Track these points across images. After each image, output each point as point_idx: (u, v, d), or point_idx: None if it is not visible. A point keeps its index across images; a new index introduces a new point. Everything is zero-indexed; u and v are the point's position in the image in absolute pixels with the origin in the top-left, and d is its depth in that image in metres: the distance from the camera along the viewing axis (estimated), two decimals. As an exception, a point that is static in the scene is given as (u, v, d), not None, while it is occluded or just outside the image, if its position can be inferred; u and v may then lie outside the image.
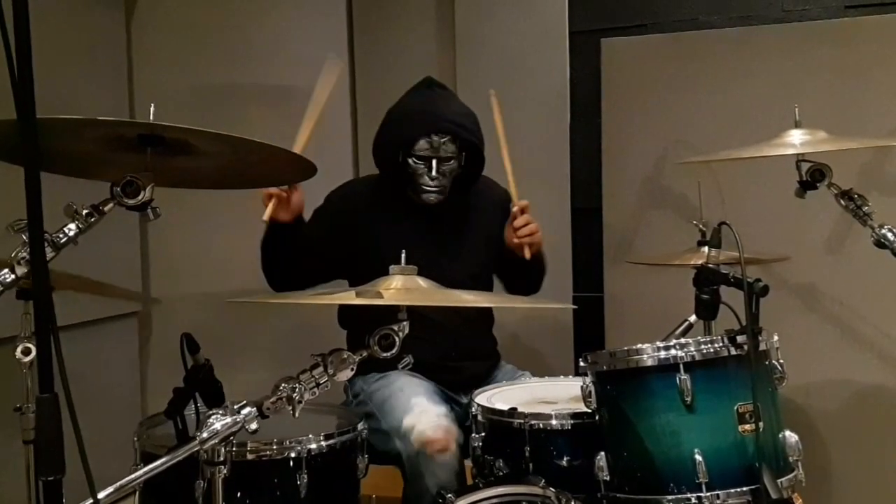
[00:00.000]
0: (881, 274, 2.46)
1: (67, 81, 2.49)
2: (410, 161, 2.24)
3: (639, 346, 1.69)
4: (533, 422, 1.85)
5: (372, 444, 1.95)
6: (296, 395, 1.37)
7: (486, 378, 2.31)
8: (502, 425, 1.89)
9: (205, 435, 1.30)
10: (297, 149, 2.15)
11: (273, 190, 2.15)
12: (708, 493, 1.59)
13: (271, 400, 1.37)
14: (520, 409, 1.88)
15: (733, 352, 1.65)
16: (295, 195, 2.20)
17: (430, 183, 2.24)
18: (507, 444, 1.88)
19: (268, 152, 1.54)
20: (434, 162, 2.22)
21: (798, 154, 2.06)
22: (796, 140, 2.07)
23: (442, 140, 2.22)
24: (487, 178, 2.45)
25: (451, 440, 1.98)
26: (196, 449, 1.30)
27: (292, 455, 1.70)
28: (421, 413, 2.03)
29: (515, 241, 2.24)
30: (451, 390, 2.27)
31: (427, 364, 2.09)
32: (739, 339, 1.65)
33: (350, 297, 1.51)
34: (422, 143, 2.22)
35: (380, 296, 1.43)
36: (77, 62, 2.61)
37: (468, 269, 2.27)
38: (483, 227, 2.41)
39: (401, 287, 1.49)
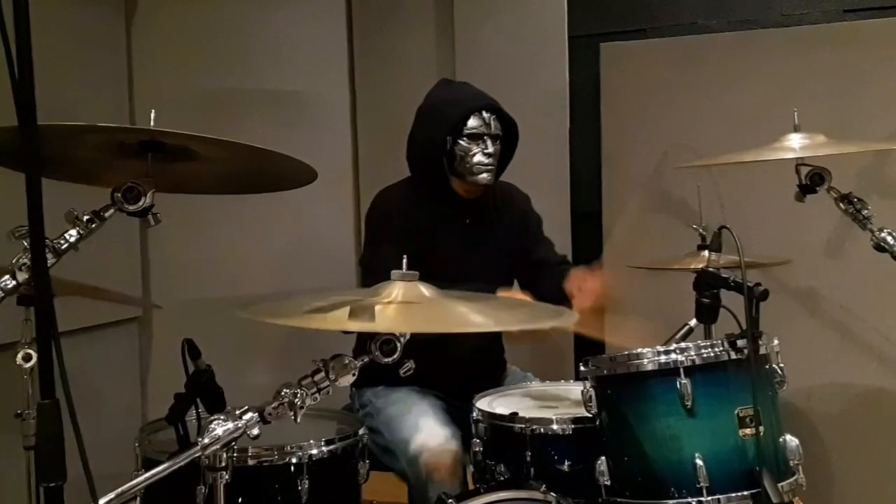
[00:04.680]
0: (881, 277, 2.46)
1: (68, 87, 2.49)
2: (462, 142, 2.24)
3: (639, 350, 1.69)
4: (534, 426, 1.85)
5: (376, 455, 1.96)
6: (297, 401, 1.37)
7: (493, 385, 2.30)
8: (503, 430, 1.89)
9: (206, 440, 1.30)
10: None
11: None
12: (709, 498, 1.59)
13: (273, 405, 1.36)
14: (520, 414, 1.88)
15: (734, 356, 1.65)
16: None
17: (486, 161, 2.24)
18: (508, 448, 1.88)
19: (268, 158, 1.54)
20: (487, 139, 2.24)
21: (798, 158, 2.07)
22: (796, 144, 2.07)
23: (491, 117, 2.25)
24: (510, 184, 2.48)
25: (458, 466, 1.99)
26: (197, 454, 1.30)
27: (293, 460, 1.70)
28: (429, 436, 2.03)
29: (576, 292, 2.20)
30: (459, 401, 2.26)
31: (435, 374, 2.07)
32: (740, 343, 1.65)
33: (343, 318, 1.48)
34: (473, 121, 2.23)
35: (372, 319, 1.41)
36: (77, 68, 2.61)
37: (498, 268, 2.27)
38: (508, 228, 2.41)
39: (401, 299, 1.47)
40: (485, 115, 2.25)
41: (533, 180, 2.57)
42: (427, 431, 2.04)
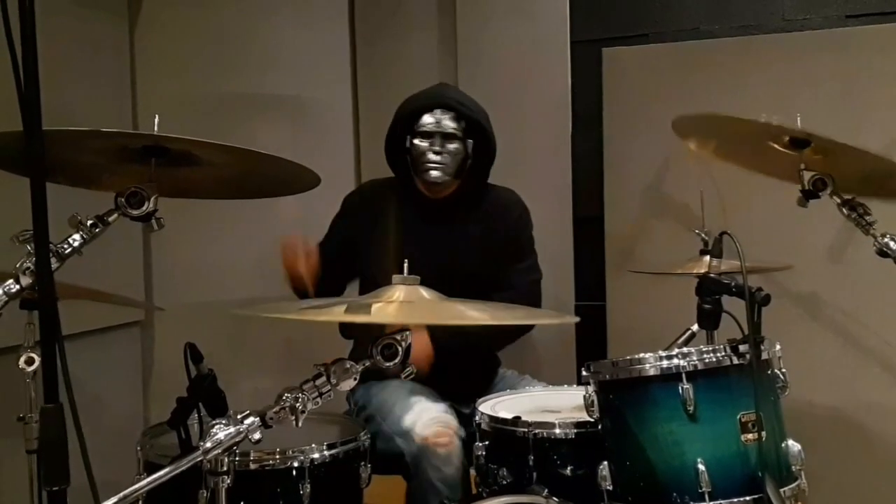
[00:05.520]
0: (883, 283, 2.45)
1: (71, 92, 2.50)
2: (416, 142, 2.28)
3: (641, 355, 1.69)
4: (537, 431, 1.84)
5: (374, 446, 1.95)
6: (299, 405, 1.37)
7: (487, 387, 2.31)
8: (506, 434, 1.89)
9: (208, 445, 1.30)
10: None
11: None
12: (711, 503, 1.59)
13: (274, 409, 1.37)
14: (523, 418, 1.88)
15: (736, 361, 1.65)
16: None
17: (433, 158, 2.26)
18: (510, 452, 1.88)
19: (271, 162, 1.54)
20: (437, 137, 2.25)
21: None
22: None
23: (445, 116, 2.26)
24: (510, 190, 2.46)
25: (453, 434, 1.99)
26: (199, 459, 1.30)
27: (295, 464, 1.70)
28: (422, 410, 2.04)
29: None
30: (454, 401, 2.27)
31: (429, 375, 2.09)
32: (742, 348, 1.65)
33: (339, 313, 1.48)
34: (425, 119, 2.26)
35: (367, 311, 1.42)
36: (81, 73, 2.62)
37: (470, 274, 2.26)
38: (480, 233, 2.38)
39: (402, 299, 1.48)
40: (437, 112, 2.26)
41: (535, 185, 2.58)
42: (419, 406, 2.05)
